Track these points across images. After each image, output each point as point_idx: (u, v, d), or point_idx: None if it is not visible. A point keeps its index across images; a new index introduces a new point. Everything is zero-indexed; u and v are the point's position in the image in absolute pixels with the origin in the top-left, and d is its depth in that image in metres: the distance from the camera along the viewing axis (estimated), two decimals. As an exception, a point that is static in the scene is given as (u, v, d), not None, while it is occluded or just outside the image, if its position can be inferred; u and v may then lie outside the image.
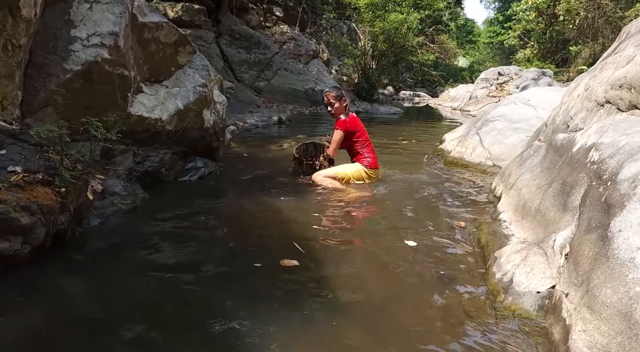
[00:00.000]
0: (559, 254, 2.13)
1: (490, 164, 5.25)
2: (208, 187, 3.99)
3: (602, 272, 1.73)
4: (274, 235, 2.94)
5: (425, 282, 2.37)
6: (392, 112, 14.65)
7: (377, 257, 2.66)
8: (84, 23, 3.29)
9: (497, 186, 3.87)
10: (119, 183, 3.27)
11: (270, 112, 9.59)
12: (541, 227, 2.52)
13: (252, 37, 13.91)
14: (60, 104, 3.21)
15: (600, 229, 1.89)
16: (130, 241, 2.71)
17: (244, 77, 13.22)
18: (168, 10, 12.89)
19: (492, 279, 2.27)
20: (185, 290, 2.15)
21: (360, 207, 3.70)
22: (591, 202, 2.13)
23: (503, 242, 2.67)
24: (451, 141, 6.65)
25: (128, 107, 3.68)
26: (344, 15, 19.58)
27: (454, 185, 4.47)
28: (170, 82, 4.21)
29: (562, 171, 2.71)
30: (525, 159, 3.68)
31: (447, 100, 24.41)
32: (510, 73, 22.64)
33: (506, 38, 29.01)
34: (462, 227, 3.18)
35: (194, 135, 4.45)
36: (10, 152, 2.36)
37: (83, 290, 2.13)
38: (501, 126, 5.83)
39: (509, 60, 28.89)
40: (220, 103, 5.08)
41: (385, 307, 2.12)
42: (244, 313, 1.93)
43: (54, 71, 3.16)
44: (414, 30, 18.48)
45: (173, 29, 4.00)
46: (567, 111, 3.59)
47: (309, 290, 2.22)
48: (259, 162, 5.21)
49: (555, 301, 1.93)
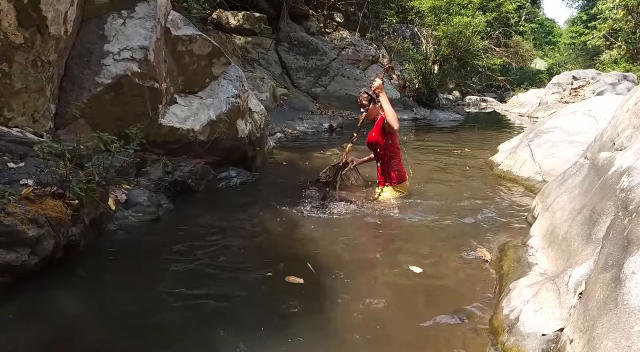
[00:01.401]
0: (572, 292, 1.91)
1: (540, 179, 4.89)
2: (235, 197, 4.01)
3: (608, 320, 1.52)
4: (287, 250, 2.89)
5: (429, 314, 2.22)
6: (452, 118, 14.19)
7: (385, 284, 2.53)
8: (117, 38, 3.42)
9: (536, 206, 3.59)
10: (143, 193, 3.35)
11: (321, 118, 9.58)
12: (563, 258, 2.29)
13: (310, 43, 13.99)
14: (92, 116, 3.36)
15: (615, 269, 1.67)
16: (144, 253, 2.77)
17: (301, 83, 13.32)
18: (230, 19, 13.26)
19: (499, 315, 2.08)
20: (189, 305, 2.17)
21: (383, 227, 3.51)
22: (614, 235, 1.90)
23: (524, 272, 2.45)
24: (502, 152, 6.30)
25: (159, 119, 3.78)
26: (406, 19, 19.23)
27: (494, 202, 4.21)
28: (204, 93, 4.29)
29: (594, 196, 2.45)
30: (567, 178, 3.39)
31: (515, 106, 23.33)
32: (586, 77, 21.18)
33: (590, 38, 27.17)
34: (485, 258, 2.91)
35: (228, 145, 4.50)
36: (28, 165, 2.48)
37: (81, 305, 2.18)
38: (555, 138, 5.43)
39: (592, 62, 27.10)
40: (258, 113, 5.12)
41: (378, 340, 2.00)
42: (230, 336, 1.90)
43: (86, 85, 3.30)
44: (481, 34, 17.81)
45: (207, 41, 4.08)
46: (615, 127, 3.26)
47: (306, 314, 2.15)
48: (296, 171, 5.19)
49: (560, 347, 1.73)
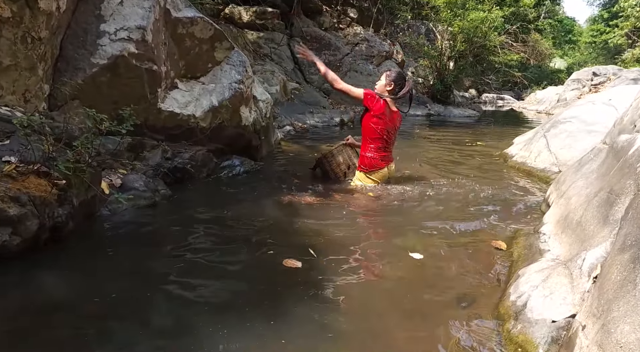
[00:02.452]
0: (586, 276, 1.74)
1: (556, 170, 4.68)
2: (237, 185, 3.89)
3: (625, 302, 1.36)
4: (286, 237, 2.76)
5: (431, 301, 2.07)
6: (467, 115, 13.91)
7: (387, 270, 2.38)
8: (114, 17, 3.32)
9: (550, 194, 3.41)
10: (140, 179, 3.24)
11: (332, 113, 9.42)
12: (578, 242, 2.11)
13: (323, 38, 13.84)
14: (87, 97, 3.27)
15: (635, 249, 1.51)
16: (136, 238, 2.65)
17: (313, 78, 13.17)
18: (243, 14, 13.17)
19: (505, 302, 1.92)
20: (177, 290, 2.04)
21: (390, 215, 3.37)
22: (634, 214, 1.72)
23: (535, 259, 2.28)
24: (517, 145, 6.09)
25: (159, 103, 3.68)
26: (421, 15, 18.94)
27: (506, 193, 4.02)
28: (207, 79, 4.18)
29: (612, 178, 2.27)
30: (584, 164, 3.19)
31: (532, 103, 22.92)
32: (607, 73, 20.61)
33: (611, 37, 26.55)
34: (500, 247, 2.74)
35: (231, 133, 4.38)
36: (13, 143, 2.39)
37: (63, 288, 2.06)
38: (573, 128, 5.21)
39: (613, 61, 26.46)
40: (263, 101, 5.00)
41: (375, 329, 1.85)
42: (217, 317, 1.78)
43: (81, 65, 3.21)
44: (498, 29, 17.47)
45: (208, 24, 3.96)
46: (636, 109, 3.06)
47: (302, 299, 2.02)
48: (302, 162, 5.05)
49: (572, 334, 1.56)
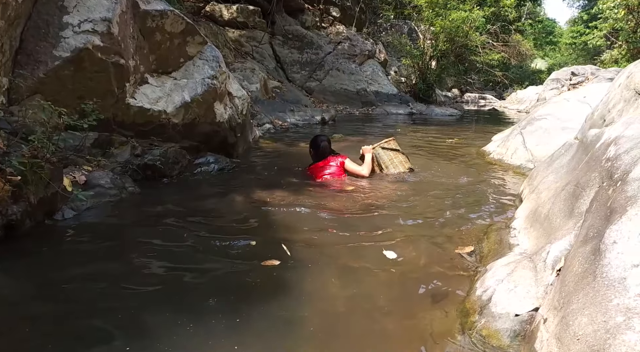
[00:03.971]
0: (550, 269, 1.72)
1: (532, 166, 4.68)
2: (210, 182, 3.81)
3: (585, 294, 1.33)
4: (259, 234, 2.67)
5: (400, 299, 2.02)
6: (449, 113, 13.94)
7: (358, 269, 2.32)
8: (77, 9, 3.22)
9: (524, 190, 3.40)
10: (106, 175, 3.15)
11: (313, 111, 9.35)
12: (545, 235, 2.09)
13: (305, 37, 13.77)
14: (50, 92, 3.16)
15: (596, 240, 1.48)
16: (97, 236, 2.55)
17: (295, 77, 13.12)
18: (224, 12, 13.03)
19: (471, 297, 1.88)
20: (139, 289, 1.98)
21: (363, 212, 3.28)
22: (597, 207, 1.70)
23: (503, 253, 2.25)
24: (494, 142, 6.10)
25: (127, 98, 3.59)
26: (403, 14, 18.98)
27: (481, 189, 4.00)
28: (179, 74, 4.09)
29: (580, 171, 2.26)
30: (555, 159, 3.19)
31: (513, 103, 23.09)
32: (585, 73, 20.89)
33: (591, 38, 26.89)
34: (465, 251, 2.63)
35: (205, 130, 4.30)
36: (-35, 137, 2.29)
37: (10, 287, 1.98)
38: (548, 125, 5.23)
39: (593, 62, 26.82)
40: (239, 98, 4.92)
41: (340, 325, 1.80)
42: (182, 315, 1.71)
43: (43, 58, 3.11)
44: (480, 29, 17.58)
45: (179, 17, 3.88)
46: (606, 104, 3.06)
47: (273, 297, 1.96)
48: (279, 160, 4.99)
49: (534, 328, 1.53)
